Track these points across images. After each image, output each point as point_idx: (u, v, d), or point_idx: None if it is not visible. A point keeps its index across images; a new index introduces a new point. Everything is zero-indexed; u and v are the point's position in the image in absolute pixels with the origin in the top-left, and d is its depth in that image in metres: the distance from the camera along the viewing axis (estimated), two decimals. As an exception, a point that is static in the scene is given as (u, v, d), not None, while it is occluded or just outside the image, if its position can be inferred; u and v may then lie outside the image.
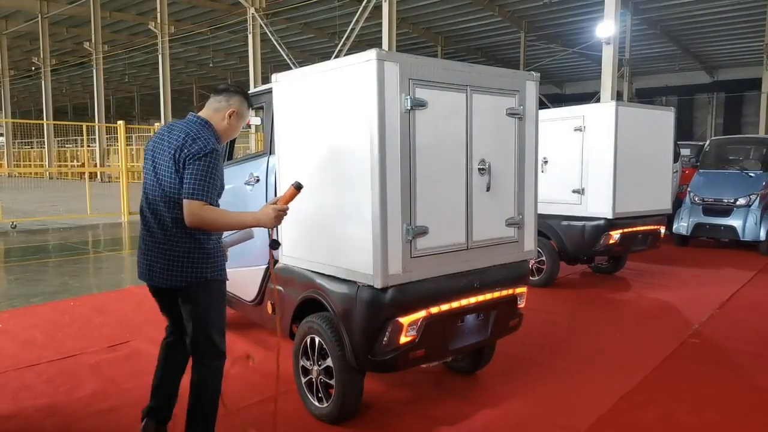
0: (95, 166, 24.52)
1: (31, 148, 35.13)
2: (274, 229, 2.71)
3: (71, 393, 3.53)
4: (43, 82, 27.18)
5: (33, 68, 28.22)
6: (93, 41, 23.53)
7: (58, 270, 7.52)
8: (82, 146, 27.86)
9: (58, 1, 23.99)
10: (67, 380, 3.72)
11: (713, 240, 9.45)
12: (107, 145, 25.71)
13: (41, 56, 26.32)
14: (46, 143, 27.88)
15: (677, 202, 9.25)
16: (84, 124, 19.27)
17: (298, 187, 2.63)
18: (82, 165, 26.98)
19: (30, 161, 33.57)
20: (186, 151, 2.42)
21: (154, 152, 2.56)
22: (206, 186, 2.39)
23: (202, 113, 2.64)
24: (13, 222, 11.32)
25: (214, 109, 2.64)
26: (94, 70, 24.20)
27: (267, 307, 3.76)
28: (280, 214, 2.58)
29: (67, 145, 31.80)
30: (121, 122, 12.91)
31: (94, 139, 25.65)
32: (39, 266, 7.76)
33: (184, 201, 2.39)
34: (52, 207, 14.70)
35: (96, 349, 4.31)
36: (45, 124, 27.79)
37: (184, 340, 2.71)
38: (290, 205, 2.68)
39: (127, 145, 13.78)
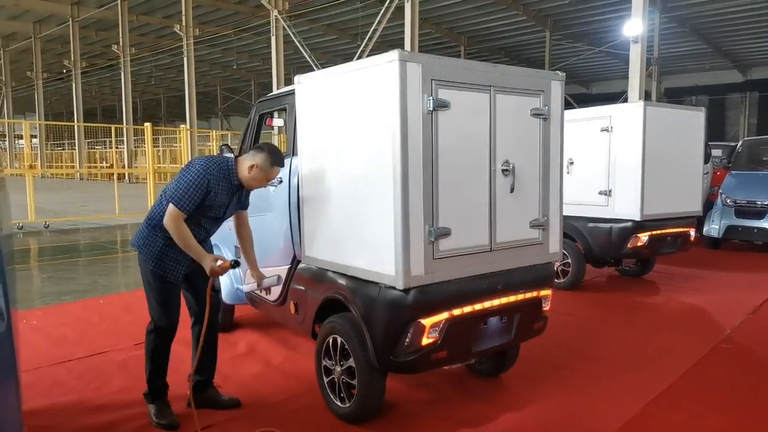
0: (123, 167, 25.06)
1: (63, 149, 36.08)
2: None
3: (100, 389, 3.61)
4: (73, 84, 27.88)
5: (64, 71, 28.96)
6: (120, 44, 24.05)
7: (88, 269, 7.71)
8: (111, 148, 28.51)
9: (88, 5, 24.60)
10: (97, 377, 3.80)
11: (746, 243, 9.19)
12: (135, 147, 26.25)
13: (72, 59, 27.01)
14: (77, 145, 28.58)
15: (708, 204, 9.03)
16: (112, 126, 19.71)
17: (234, 265, 3.07)
18: (111, 166, 27.60)
19: (62, 162, 34.47)
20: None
21: None
22: (183, 195, 2.94)
23: (241, 157, 3.17)
24: (46, 222, 11.64)
25: (244, 159, 3.13)
26: (122, 73, 24.72)
27: (290, 307, 3.78)
28: (214, 273, 3.03)
29: (96, 147, 32.56)
30: (148, 124, 13.15)
31: (122, 140, 26.20)
32: (70, 265, 7.96)
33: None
34: (82, 207, 15.06)
35: (123, 346, 4.40)
36: (76, 126, 28.50)
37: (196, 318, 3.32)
38: (315, 205, 3.00)
39: (153, 146, 14.04)
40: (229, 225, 4.10)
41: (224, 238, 4.14)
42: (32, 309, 5.45)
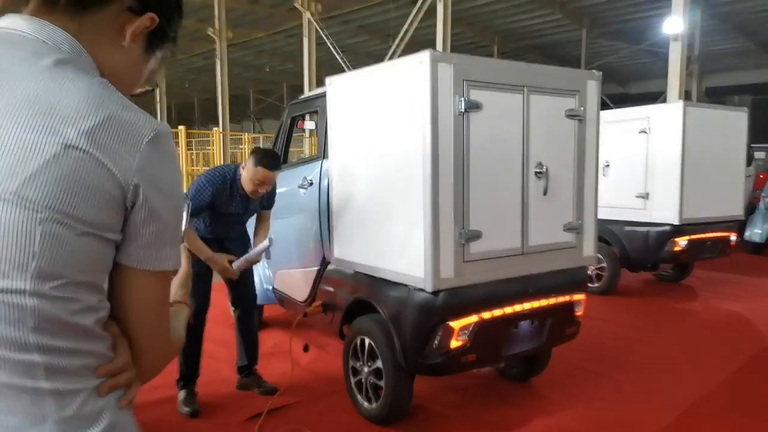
0: (159, 168, 25.68)
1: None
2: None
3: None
4: (113, 88, 28.73)
5: (103, 75, 29.86)
6: (156, 48, 24.63)
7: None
8: (147, 150, 29.13)
9: (126, 11, 25.29)
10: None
11: (790, 248, 8.84)
12: (170, 149, 26.85)
13: (111, 64, 27.82)
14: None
15: (750, 208, 8.72)
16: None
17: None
18: (148, 167, 28.27)
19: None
20: None
21: None
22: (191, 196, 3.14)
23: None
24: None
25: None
26: (156, 76, 25.34)
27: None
28: (224, 275, 3.24)
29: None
30: (182, 127, 13.44)
31: (158, 143, 26.84)
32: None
33: None
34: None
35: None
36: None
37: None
38: (345, 207, 3.07)
39: (187, 149, 14.33)
40: None
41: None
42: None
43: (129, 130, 0.75)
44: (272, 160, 3.17)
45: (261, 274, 4.41)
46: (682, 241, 5.85)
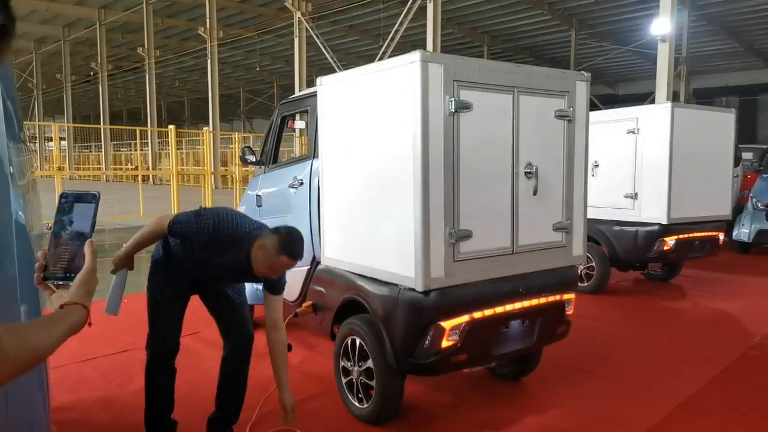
0: (148, 169, 25.49)
1: (90, 151, 36.87)
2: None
3: (124, 386, 3.67)
4: (100, 87, 28.49)
5: (92, 73, 29.61)
6: (146, 47, 24.49)
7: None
8: (136, 150, 29.02)
9: (114, 9, 25.10)
10: (121, 374, 3.86)
11: (777, 247, 8.94)
12: (159, 149, 26.68)
13: (99, 62, 27.61)
14: (103, 147, 29.16)
15: (738, 208, 8.81)
16: (137, 129, 20.05)
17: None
18: (136, 168, 28.09)
19: (89, 164, 35.24)
20: None
21: None
22: (181, 222, 2.56)
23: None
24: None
25: (263, 237, 2.54)
26: (147, 75, 25.16)
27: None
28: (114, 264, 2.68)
29: (122, 149, 33.18)
30: (172, 126, 13.34)
31: (147, 143, 26.66)
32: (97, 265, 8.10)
33: None
34: (108, 208, 15.33)
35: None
36: (102, 129, 29.10)
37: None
38: (335, 206, 2.72)
39: (177, 148, 14.23)
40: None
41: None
42: (60, 306, 5.56)
43: None
44: (300, 249, 2.51)
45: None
46: (670, 241, 5.90)
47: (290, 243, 2.48)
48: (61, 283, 1.14)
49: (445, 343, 2.83)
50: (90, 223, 1.16)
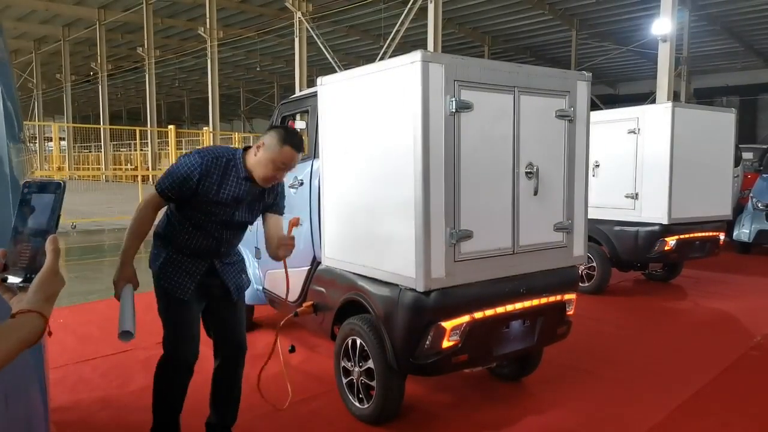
0: (147, 169, 25.51)
1: (89, 152, 36.89)
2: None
3: (123, 387, 3.66)
4: (100, 87, 28.48)
5: (91, 73, 29.61)
6: (145, 46, 24.48)
7: (114, 269, 7.83)
8: (136, 150, 29.02)
9: (114, 9, 25.10)
10: (120, 375, 3.86)
11: (777, 247, 8.94)
12: (159, 149, 26.67)
13: (98, 62, 27.61)
14: (102, 147, 29.15)
15: (738, 208, 8.80)
16: (137, 129, 20.03)
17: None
18: (135, 168, 28.08)
19: (88, 165, 35.24)
20: None
21: None
22: (165, 176, 2.44)
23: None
24: (73, 223, 11.92)
25: (253, 146, 2.51)
26: (147, 75, 25.16)
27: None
28: (116, 288, 2.45)
29: (121, 149, 33.17)
30: (171, 126, 13.34)
31: (147, 143, 26.65)
32: (96, 265, 8.12)
33: None
34: (107, 209, 15.35)
35: (146, 345, 4.44)
36: (102, 129, 29.10)
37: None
38: (336, 206, 2.67)
39: (177, 148, 14.23)
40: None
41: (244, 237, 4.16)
42: (59, 308, 5.56)
43: None
44: (300, 140, 2.45)
45: (251, 274, 4.39)
46: (671, 241, 5.89)
47: (291, 134, 2.44)
48: (22, 285, 0.99)
49: (446, 344, 2.83)
50: (52, 216, 1.02)
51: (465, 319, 2.85)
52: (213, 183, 2.40)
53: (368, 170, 3.08)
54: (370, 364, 3.04)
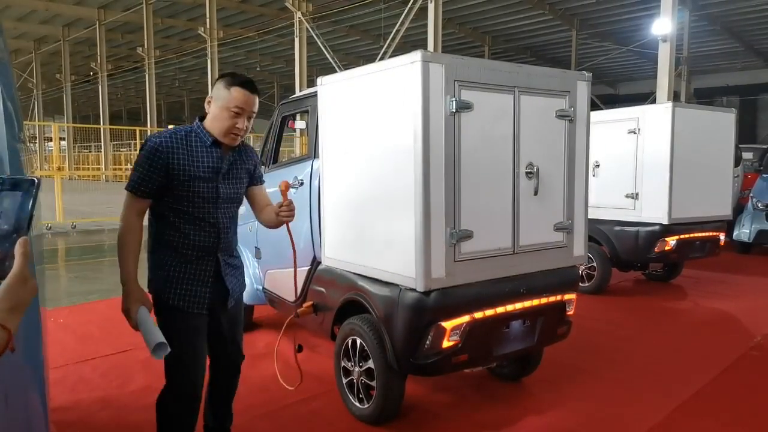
0: (148, 168, 25.50)
1: (89, 152, 36.87)
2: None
3: (123, 387, 3.66)
4: (100, 87, 28.48)
5: (91, 73, 29.60)
6: (145, 46, 24.47)
7: (113, 269, 7.81)
8: (136, 150, 28.95)
9: (114, 9, 25.10)
10: (120, 374, 3.86)
11: (777, 247, 8.94)
12: (159, 149, 26.59)
13: (98, 62, 27.60)
14: (102, 147, 29.15)
15: (739, 208, 8.80)
16: (137, 129, 20.01)
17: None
18: (135, 168, 27.95)
19: (88, 164, 35.22)
20: None
21: None
22: (131, 174, 2.27)
23: None
24: (73, 223, 11.92)
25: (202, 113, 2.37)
26: (147, 75, 25.15)
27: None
28: (128, 318, 2.23)
29: (121, 149, 33.15)
30: (171, 126, 13.30)
31: (147, 143, 26.60)
32: (96, 265, 8.12)
33: None
34: (107, 209, 15.35)
35: (146, 345, 4.45)
36: (102, 129, 29.08)
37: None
38: (335, 206, 2.66)
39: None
40: (249, 226, 4.12)
41: (243, 237, 4.15)
42: (59, 308, 5.56)
43: None
44: (249, 79, 2.30)
45: (251, 274, 4.39)
46: (671, 241, 5.90)
47: (234, 74, 2.29)
48: None
49: (446, 344, 2.83)
50: (24, 216, 0.92)
51: (465, 319, 2.85)
52: (183, 157, 2.23)
53: (368, 170, 3.08)
54: (370, 364, 3.04)
